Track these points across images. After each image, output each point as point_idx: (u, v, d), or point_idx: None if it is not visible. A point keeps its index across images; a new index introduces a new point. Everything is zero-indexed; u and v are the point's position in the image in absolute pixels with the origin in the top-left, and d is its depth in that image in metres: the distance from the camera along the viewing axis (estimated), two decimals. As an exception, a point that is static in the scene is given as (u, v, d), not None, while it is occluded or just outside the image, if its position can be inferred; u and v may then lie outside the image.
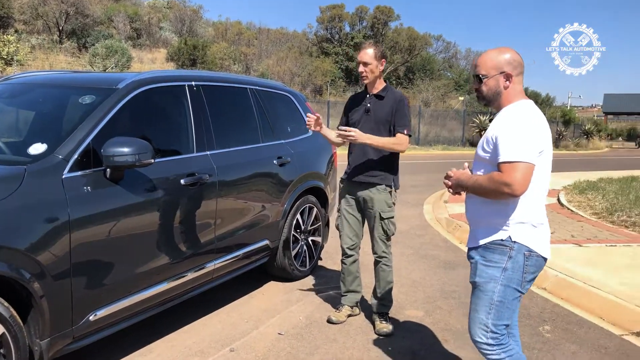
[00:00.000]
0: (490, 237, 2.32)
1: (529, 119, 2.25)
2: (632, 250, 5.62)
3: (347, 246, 3.81)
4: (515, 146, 2.17)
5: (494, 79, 2.35)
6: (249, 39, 38.54)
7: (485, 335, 2.33)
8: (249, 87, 4.46)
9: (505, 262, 2.28)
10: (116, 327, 2.99)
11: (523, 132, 2.19)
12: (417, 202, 9.62)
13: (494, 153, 2.26)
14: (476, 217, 2.43)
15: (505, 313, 2.32)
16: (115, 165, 2.77)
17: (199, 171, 3.47)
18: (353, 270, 3.87)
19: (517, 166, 2.15)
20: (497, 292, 2.30)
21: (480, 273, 2.34)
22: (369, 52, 3.58)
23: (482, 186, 2.27)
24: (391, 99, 3.66)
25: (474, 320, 2.37)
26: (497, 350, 2.33)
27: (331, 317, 3.80)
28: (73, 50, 28.13)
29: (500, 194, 2.20)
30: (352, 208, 3.78)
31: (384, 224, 3.68)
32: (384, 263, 3.75)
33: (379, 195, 3.66)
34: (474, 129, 32.31)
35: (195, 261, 3.48)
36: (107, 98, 3.07)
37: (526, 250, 2.28)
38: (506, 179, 2.15)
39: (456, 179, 2.46)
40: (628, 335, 3.71)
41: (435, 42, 46.46)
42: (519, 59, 2.36)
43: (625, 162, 24.99)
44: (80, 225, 2.63)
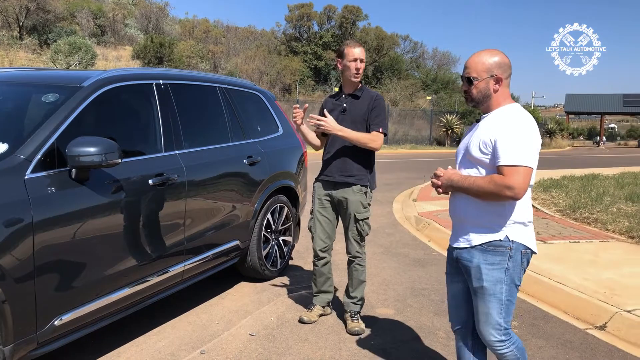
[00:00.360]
0: (487, 238, 2.36)
1: (527, 123, 2.30)
2: (594, 246, 5.79)
3: (320, 248, 3.79)
4: (517, 150, 2.22)
5: (484, 82, 2.39)
6: (216, 37, 38.20)
7: (499, 333, 2.40)
8: (218, 85, 4.41)
9: (507, 262, 2.34)
10: (83, 331, 2.91)
11: (523, 137, 2.25)
12: (386, 200, 9.69)
13: (493, 155, 2.30)
14: (470, 216, 2.42)
15: (512, 307, 2.42)
16: (81, 165, 2.69)
17: (167, 171, 3.41)
18: (325, 272, 3.86)
19: (519, 170, 2.21)
20: (505, 292, 2.37)
21: (486, 277, 2.36)
22: (362, 49, 3.65)
23: (481, 188, 2.29)
24: (367, 98, 3.68)
25: (487, 322, 2.40)
26: (507, 344, 2.42)
27: (303, 317, 3.79)
28: (34, 46, 27.37)
29: (502, 197, 2.25)
30: (326, 210, 3.76)
31: (359, 225, 3.68)
32: (357, 263, 3.77)
33: (354, 196, 3.65)
34: (441, 128, 32.79)
35: (164, 263, 3.42)
36: (72, 96, 2.99)
37: (523, 248, 2.36)
38: (509, 182, 2.20)
39: (448, 179, 2.44)
40: (591, 329, 3.81)
41: (402, 42, 46.98)
42: (508, 62, 2.41)
43: (587, 160, 25.75)
44: (44, 227, 2.55)
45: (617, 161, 24.44)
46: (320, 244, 3.78)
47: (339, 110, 3.69)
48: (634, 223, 6.67)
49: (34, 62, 24.60)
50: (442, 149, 31.19)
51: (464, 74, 2.44)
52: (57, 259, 2.65)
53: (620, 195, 8.92)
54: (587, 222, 7.12)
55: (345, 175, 3.65)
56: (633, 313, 3.80)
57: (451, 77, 46.42)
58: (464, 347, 2.63)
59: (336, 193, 3.69)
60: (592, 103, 57.88)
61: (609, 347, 3.53)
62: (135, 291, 3.19)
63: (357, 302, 3.81)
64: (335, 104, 3.74)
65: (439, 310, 4.13)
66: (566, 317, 4.04)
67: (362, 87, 3.74)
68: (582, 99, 58.68)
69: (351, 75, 3.62)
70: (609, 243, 5.98)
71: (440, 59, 50.25)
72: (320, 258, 3.81)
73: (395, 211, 8.63)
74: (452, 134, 32.43)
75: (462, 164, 2.49)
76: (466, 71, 2.43)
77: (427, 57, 50.24)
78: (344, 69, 3.65)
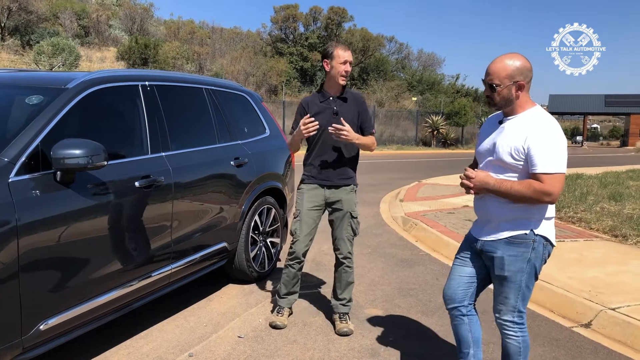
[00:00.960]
0: (514, 232, 2.51)
1: (557, 129, 2.41)
2: (579, 245, 5.86)
3: (302, 252, 3.73)
4: (553, 158, 2.36)
5: (507, 89, 2.45)
6: (202, 38, 38.01)
7: (513, 314, 2.58)
8: (204, 87, 4.39)
9: (530, 253, 2.50)
10: (69, 335, 2.87)
11: (557, 144, 2.38)
12: (373, 201, 9.72)
13: (526, 162, 2.41)
14: (499, 214, 2.53)
15: (529, 293, 2.58)
16: (66, 168, 2.66)
17: (154, 173, 3.38)
18: (298, 274, 3.83)
19: (557, 177, 2.35)
20: (524, 280, 2.53)
21: (508, 267, 2.52)
22: (350, 53, 3.66)
23: (520, 193, 2.40)
24: (353, 100, 3.71)
25: (506, 304, 2.58)
26: (516, 329, 2.59)
27: (277, 323, 3.72)
28: (16, 47, 27.04)
29: (540, 202, 2.40)
30: (315, 212, 3.73)
31: (354, 222, 3.72)
32: (347, 265, 3.77)
33: (348, 195, 3.70)
34: (426, 128, 32.97)
35: (151, 265, 3.39)
36: (56, 98, 2.95)
37: (545, 241, 2.52)
38: (548, 189, 2.35)
39: (482, 182, 2.52)
40: (577, 328, 3.86)
41: (388, 44, 47.15)
42: (529, 66, 2.47)
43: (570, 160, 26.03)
44: (28, 230, 2.51)
45: (600, 161, 24.77)
46: (302, 248, 3.73)
47: (329, 113, 3.63)
48: (617, 222, 6.77)
49: (17, 63, 24.29)
50: (428, 149, 31.37)
51: (487, 80, 2.50)
52: (42, 262, 2.61)
53: (603, 195, 9.05)
54: (571, 222, 7.21)
55: (344, 179, 3.70)
56: (617, 311, 3.84)
57: (436, 78, 46.70)
58: (459, 325, 2.79)
59: (332, 195, 3.69)
60: (575, 103, 58.61)
61: (595, 345, 3.57)
62: (122, 294, 3.16)
63: (346, 303, 3.81)
64: (322, 106, 3.68)
65: (427, 310, 4.15)
66: (552, 316, 4.08)
67: (345, 88, 3.74)
68: (565, 100, 59.39)
69: (339, 77, 3.62)
70: (593, 242, 6.05)
71: (425, 60, 50.56)
72: (300, 262, 3.77)
73: (383, 212, 8.66)
74: (438, 134, 32.63)
75: (489, 168, 2.56)
76: (488, 77, 2.48)
77: (413, 58, 50.57)
78: (332, 71, 3.62)
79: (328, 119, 3.60)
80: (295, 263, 3.77)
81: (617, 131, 78.69)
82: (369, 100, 36.15)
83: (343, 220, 3.70)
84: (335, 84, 3.66)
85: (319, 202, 3.71)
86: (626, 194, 9.17)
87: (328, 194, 3.70)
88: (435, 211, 8.12)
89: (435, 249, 6.14)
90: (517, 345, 2.62)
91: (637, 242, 6.00)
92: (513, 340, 2.61)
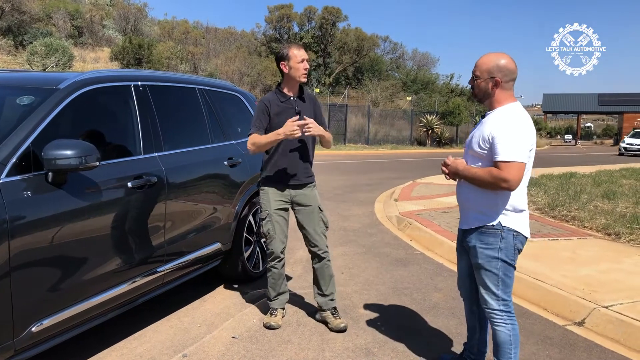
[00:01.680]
0: (483, 222, 2.68)
1: (522, 122, 2.57)
2: (572, 244, 5.88)
3: (280, 250, 3.77)
4: (512, 147, 2.51)
5: (484, 82, 2.67)
6: (196, 38, 37.94)
7: (497, 302, 2.70)
8: (197, 87, 4.38)
9: (499, 243, 2.66)
10: (61, 337, 2.85)
11: (517, 134, 2.53)
12: (368, 200, 9.72)
13: (490, 151, 2.58)
14: (470, 203, 2.76)
15: (509, 281, 2.71)
16: (58, 168, 2.65)
17: (147, 173, 3.37)
18: (283, 273, 3.88)
19: (513, 165, 2.50)
20: (499, 267, 2.68)
21: (480, 256, 2.70)
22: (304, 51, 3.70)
23: (480, 178, 2.60)
24: (310, 100, 3.80)
25: (486, 291, 2.73)
26: (504, 317, 2.71)
27: (271, 323, 3.73)
28: (9, 48, 26.88)
29: (498, 188, 2.55)
30: (284, 211, 3.77)
31: (323, 216, 3.80)
32: (327, 259, 3.82)
33: (312, 191, 3.78)
34: (421, 128, 33.00)
35: (144, 266, 3.37)
36: (48, 99, 2.93)
37: (514, 232, 2.66)
38: (504, 176, 2.50)
39: (454, 168, 2.75)
40: (570, 326, 3.87)
41: (382, 43, 47.11)
42: (511, 67, 2.64)
43: (564, 159, 26.15)
44: (20, 232, 2.50)
45: (593, 159, 24.88)
46: (280, 246, 3.77)
47: (291, 113, 3.59)
48: (611, 220, 6.80)
49: (9, 63, 24.15)
50: (423, 148, 31.40)
51: (473, 71, 2.72)
52: (34, 264, 2.60)
53: (597, 193, 9.09)
54: (565, 220, 7.24)
55: (307, 176, 3.76)
56: (611, 309, 3.86)
57: (431, 77, 46.76)
58: (470, 314, 3.02)
59: (297, 193, 3.74)
60: (569, 102, 58.88)
61: (588, 343, 3.58)
62: (116, 295, 3.14)
63: (333, 297, 3.85)
64: (283, 106, 3.67)
65: (422, 309, 4.15)
66: (546, 314, 4.09)
67: (303, 89, 3.80)
68: (559, 99, 59.67)
69: (300, 76, 3.66)
70: (586, 240, 6.08)
71: (420, 60, 50.62)
72: (280, 259, 3.81)
73: (377, 211, 8.67)
74: (433, 134, 32.66)
75: (467, 157, 2.77)
76: (474, 68, 2.71)
77: (407, 58, 50.59)
78: (291, 72, 3.63)
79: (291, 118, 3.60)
80: (277, 262, 3.80)
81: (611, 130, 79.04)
82: (364, 99, 36.21)
83: (313, 216, 3.75)
84: (295, 85, 3.71)
85: (285, 201, 3.75)
86: (619, 192, 9.21)
87: (293, 193, 3.74)
88: (430, 210, 8.14)
89: (429, 248, 6.15)
90: (507, 333, 2.70)
91: (630, 240, 6.03)
92: (503, 328, 2.71)
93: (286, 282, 3.96)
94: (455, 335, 3.64)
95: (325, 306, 3.82)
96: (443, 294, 4.53)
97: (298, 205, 3.75)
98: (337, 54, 40.94)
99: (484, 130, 2.64)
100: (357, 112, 31.98)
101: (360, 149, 28.11)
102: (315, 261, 3.82)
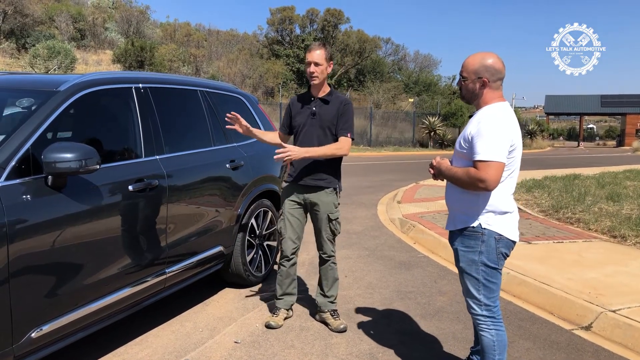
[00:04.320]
0: (465, 224, 2.64)
1: (501, 122, 2.50)
2: (577, 246, 5.82)
3: (290, 250, 3.79)
4: (489, 147, 2.45)
5: (472, 82, 2.62)
6: (198, 40, 37.98)
7: (480, 307, 2.67)
8: (199, 89, 4.34)
9: (480, 246, 2.60)
10: (61, 342, 2.81)
11: (495, 134, 2.46)
12: (371, 203, 9.68)
13: (469, 150, 2.54)
14: (453, 204, 2.74)
15: (492, 286, 2.65)
16: (57, 172, 2.61)
17: (148, 176, 3.34)
18: (291, 273, 3.87)
19: (490, 165, 2.44)
20: (480, 272, 2.62)
21: (462, 259, 2.67)
22: (319, 52, 3.60)
23: (459, 178, 2.56)
24: (336, 102, 3.69)
25: (468, 295, 2.70)
26: (488, 322, 2.66)
27: (270, 323, 3.74)
28: (12, 51, 26.94)
29: (476, 188, 2.50)
30: (297, 211, 3.78)
31: (332, 224, 3.74)
32: (332, 262, 3.83)
33: (326, 197, 3.69)
34: (423, 130, 32.95)
35: (146, 270, 3.34)
36: (47, 101, 2.89)
37: (496, 235, 2.59)
38: (481, 176, 2.44)
39: (438, 166, 2.72)
40: (577, 330, 3.82)
41: (384, 45, 47.14)
42: (498, 67, 2.59)
43: (567, 160, 26.07)
44: (19, 236, 2.46)
45: (596, 161, 24.79)
46: (291, 245, 3.78)
47: (307, 114, 3.68)
48: (616, 222, 6.73)
49: (12, 66, 24.22)
50: (425, 150, 31.35)
51: (460, 72, 2.68)
52: (34, 268, 2.56)
53: (601, 195, 9.02)
54: (569, 222, 7.17)
55: (316, 179, 3.68)
56: (618, 313, 3.81)
57: (433, 79, 46.71)
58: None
59: (308, 196, 3.71)
60: (571, 104, 58.69)
61: (596, 348, 3.53)
62: (116, 300, 3.10)
63: (334, 300, 3.86)
64: (303, 106, 3.74)
65: (426, 313, 4.11)
66: (552, 318, 4.04)
67: (331, 90, 3.74)
68: (562, 100, 59.48)
69: (309, 79, 3.66)
70: (592, 243, 6.02)
71: (422, 62, 50.61)
72: (289, 259, 3.82)
73: (380, 213, 8.62)
74: (435, 135, 32.60)
75: (454, 157, 2.74)
76: (461, 69, 2.67)
77: (409, 60, 50.59)
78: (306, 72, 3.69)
79: (305, 119, 3.67)
80: (285, 261, 3.81)
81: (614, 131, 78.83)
82: (366, 101, 36.14)
83: (322, 222, 3.73)
84: (313, 85, 3.69)
85: (298, 201, 3.75)
86: (624, 194, 9.14)
87: (305, 194, 3.72)
88: (433, 213, 8.08)
89: (433, 251, 6.10)
90: (491, 338, 2.67)
91: (636, 242, 5.97)
92: (486, 333, 2.68)
93: (296, 285, 3.93)
94: (461, 340, 3.59)
95: (324, 307, 3.83)
96: (447, 298, 4.48)
97: (309, 208, 3.76)
98: (339, 56, 40.92)
99: (465, 129, 2.62)
100: (359, 113, 31.92)
101: (363, 151, 28.08)
102: (320, 261, 3.86)
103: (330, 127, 3.64)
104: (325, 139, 3.62)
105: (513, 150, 2.54)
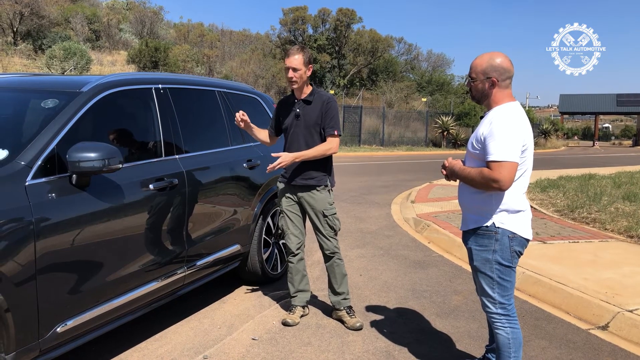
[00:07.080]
0: (478, 224, 2.66)
1: (513, 122, 2.52)
2: (593, 246, 5.80)
3: (295, 245, 3.86)
4: (502, 147, 2.46)
5: (481, 83, 2.64)
6: (211, 41, 38.17)
7: (494, 305, 2.69)
8: (216, 89, 4.40)
9: (494, 245, 2.62)
10: (85, 337, 2.88)
11: (507, 134, 2.48)
12: (384, 202, 9.69)
13: (482, 151, 2.56)
14: (467, 204, 2.76)
15: (506, 284, 2.66)
16: (82, 171, 2.67)
17: (168, 175, 3.40)
18: (300, 269, 3.91)
19: (504, 165, 2.46)
20: (495, 270, 2.64)
21: (476, 257, 2.69)
22: (297, 57, 3.63)
23: (473, 179, 2.58)
24: (319, 102, 3.72)
25: (482, 294, 2.73)
26: (503, 320, 2.68)
27: (287, 320, 3.79)
28: (29, 52, 27.29)
29: (490, 188, 2.52)
30: (294, 207, 3.85)
31: (329, 220, 3.77)
32: (337, 258, 3.84)
33: (319, 195, 3.75)
34: (436, 129, 32.83)
35: (165, 268, 3.40)
36: (71, 102, 2.96)
37: (510, 233, 2.61)
38: (495, 176, 2.46)
39: (450, 169, 2.75)
40: (594, 330, 3.81)
41: (397, 45, 46.95)
42: (506, 66, 2.61)
43: (582, 160, 25.82)
44: (45, 233, 2.53)
45: (612, 161, 24.54)
46: (295, 240, 3.85)
47: (292, 116, 3.75)
48: (633, 222, 6.69)
49: (29, 67, 24.53)
50: (438, 150, 31.23)
51: (468, 73, 2.70)
52: (59, 265, 2.63)
53: (617, 195, 8.95)
54: (585, 222, 7.14)
55: (306, 179, 3.73)
56: (635, 313, 3.80)
57: (446, 78, 46.50)
58: None
59: (301, 195, 3.78)
60: (586, 103, 58.08)
61: (612, 347, 3.52)
62: (138, 297, 3.17)
63: (346, 296, 3.87)
64: (289, 108, 3.80)
65: (441, 312, 4.12)
66: (568, 318, 4.04)
67: (313, 90, 3.77)
68: (576, 99, 58.88)
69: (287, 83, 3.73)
70: (608, 243, 5.99)
71: (435, 61, 50.35)
72: (295, 255, 3.88)
73: (394, 213, 8.63)
74: (448, 135, 32.47)
75: (467, 158, 2.76)
76: (469, 71, 2.70)
77: (422, 59, 50.34)
78: None
79: (291, 121, 3.75)
80: (291, 257, 3.88)
81: (629, 130, 77.94)
82: (378, 101, 36.09)
83: (318, 220, 3.77)
84: (299, 88, 3.73)
85: (293, 199, 3.82)
86: (640, 194, 9.06)
87: (298, 193, 3.78)
88: (448, 212, 8.08)
89: (448, 250, 6.10)
90: (506, 336, 2.68)
91: (653, 242, 5.93)
92: (501, 331, 2.69)
93: (307, 281, 3.98)
94: (476, 339, 3.61)
95: (338, 305, 3.85)
96: (463, 297, 4.49)
97: (303, 206, 3.82)
98: (352, 56, 40.90)
99: (478, 130, 2.63)
100: (371, 113, 31.92)
101: (375, 151, 28.05)
102: (325, 260, 3.89)
103: (314, 127, 3.69)
104: (311, 139, 3.69)
105: (525, 150, 2.55)
